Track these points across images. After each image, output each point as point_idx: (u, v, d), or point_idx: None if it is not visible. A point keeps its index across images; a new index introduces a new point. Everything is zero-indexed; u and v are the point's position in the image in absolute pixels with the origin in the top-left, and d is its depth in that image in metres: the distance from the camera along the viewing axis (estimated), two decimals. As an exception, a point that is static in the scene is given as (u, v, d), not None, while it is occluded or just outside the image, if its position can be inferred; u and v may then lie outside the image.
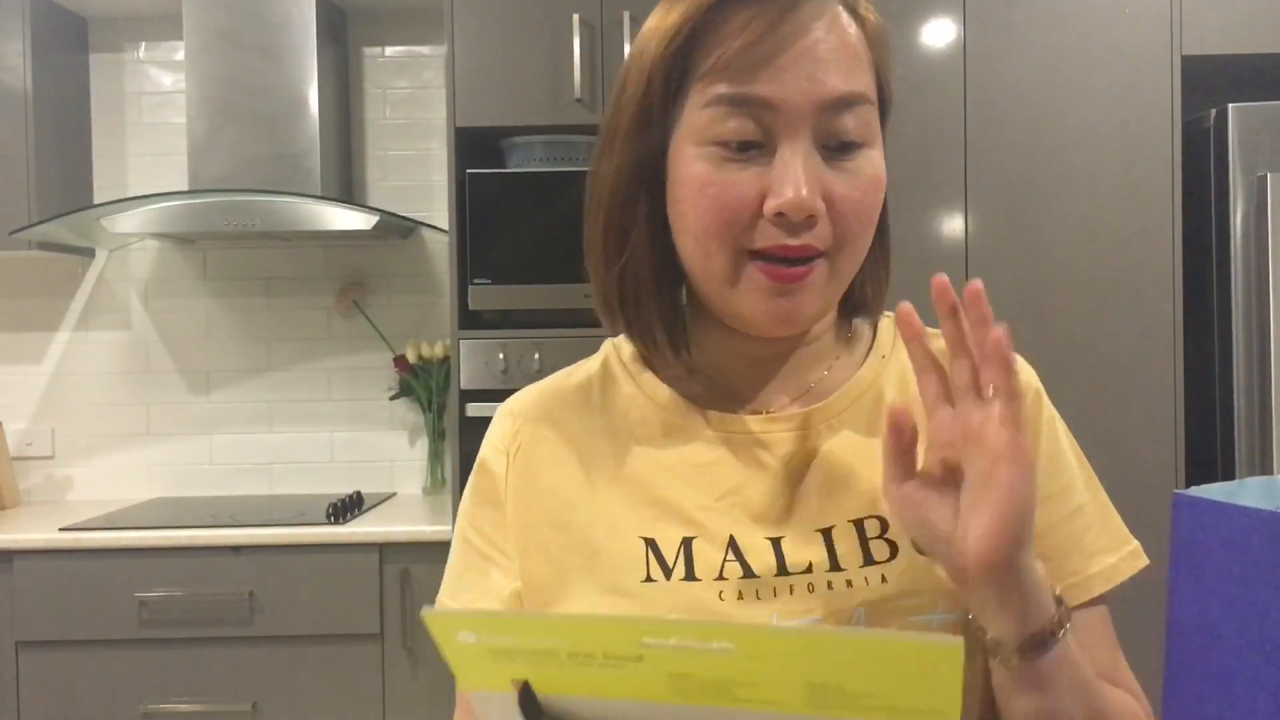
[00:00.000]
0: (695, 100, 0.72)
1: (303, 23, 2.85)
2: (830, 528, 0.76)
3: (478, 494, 0.84)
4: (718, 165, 0.71)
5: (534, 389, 0.87)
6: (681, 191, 0.73)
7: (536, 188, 2.57)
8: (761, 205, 0.70)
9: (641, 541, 0.76)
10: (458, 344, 2.56)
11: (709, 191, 0.71)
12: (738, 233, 0.71)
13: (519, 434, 0.84)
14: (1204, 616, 0.59)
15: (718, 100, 0.70)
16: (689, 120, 0.72)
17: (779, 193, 0.69)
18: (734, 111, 0.70)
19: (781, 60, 0.70)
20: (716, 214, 0.71)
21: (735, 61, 0.70)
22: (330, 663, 2.60)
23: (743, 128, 0.70)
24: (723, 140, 0.71)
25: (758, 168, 0.71)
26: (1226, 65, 2.59)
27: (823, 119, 0.70)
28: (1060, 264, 2.53)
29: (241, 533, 2.59)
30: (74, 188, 3.06)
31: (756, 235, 0.71)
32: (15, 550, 2.57)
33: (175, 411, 3.16)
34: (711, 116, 0.71)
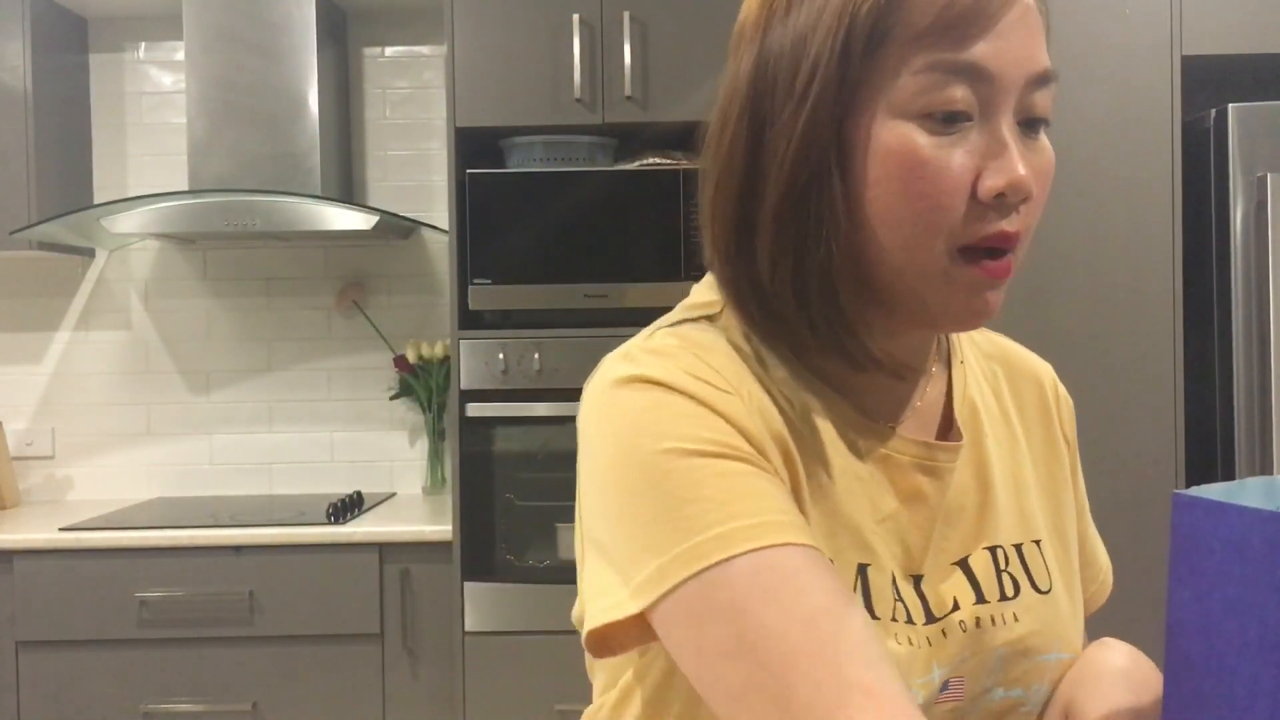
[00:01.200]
0: (899, 64, 0.62)
1: (303, 23, 2.85)
2: (966, 557, 0.72)
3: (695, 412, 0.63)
4: (928, 141, 0.62)
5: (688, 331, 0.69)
6: (884, 171, 0.63)
7: (536, 188, 2.57)
8: (973, 187, 0.63)
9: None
10: (458, 344, 2.56)
11: (922, 172, 0.62)
12: (949, 220, 0.63)
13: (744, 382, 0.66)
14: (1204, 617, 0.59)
15: (933, 66, 0.62)
16: (890, 87, 0.63)
17: (999, 170, 0.62)
18: (952, 80, 0.62)
19: (1001, 26, 0.62)
20: (933, 199, 0.62)
21: (956, 22, 0.61)
22: (330, 663, 2.60)
23: (963, 97, 0.62)
24: (934, 113, 0.62)
25: (967, 144, 0.63)
26: (1226, 65, 2.59)
27: (1025, 94, 0.64)
28: (1060, 264, 2.53)
29: (241, 533, 2.59)
30: (74, 188, 3.06)
31: (974, 223, 0.63)
32: (15, 550, 2.57)
33: (175, 411, 3.16)
34: (924, 84, 0.62)
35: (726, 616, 0.57)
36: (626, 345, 0.69)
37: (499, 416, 2.55)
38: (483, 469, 2.55)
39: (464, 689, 2.54)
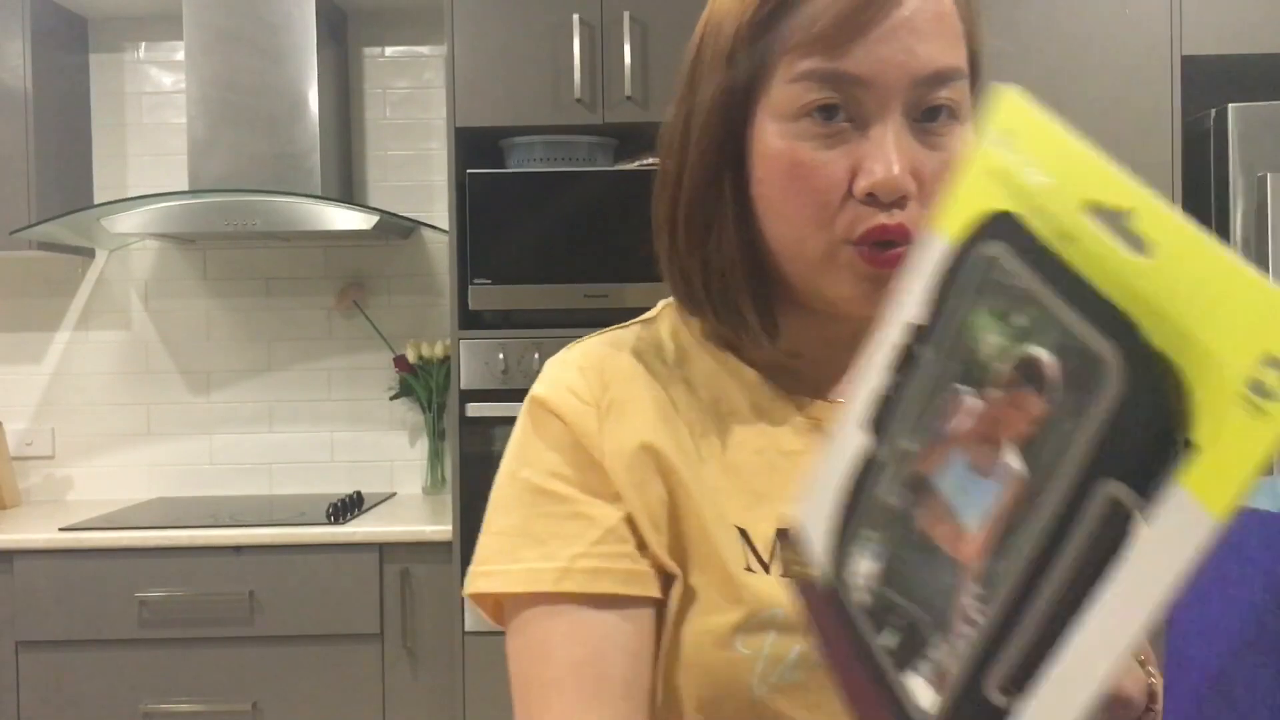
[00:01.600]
0: (782, 74, 0.68)
1: (303, 23, 2.85)
2: None
3: (550, 440, 0.74)
4: (805, 143, 0.67)
5: (598, 343, 0.79)
6: (767, 172, 0.69)
7: (536, 188, 2.57)
8: (851, 185, 0.67)
9: (735, 530, 0.71)
10: (458, 344, 2.56)
11: (798, 171, 0.68)
12: (830, 215, 0.67)
13: (608, 389, 0.74)
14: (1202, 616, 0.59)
15: (806, 75, 0.67)
16: (775, 95, 0.68)
17: (869, 171, 0.66)
18: (823, 86, 0.66)
19: (877, 32, 0.66)
20: (808, 196, 0.68)
21: (828, 33, 0.66)
22: (330, 663, 2.60)
23: (831, 100, 0.66)
24: (809, 115, 0.67)
25: (846, 145, 0.67)
26: (1226, 65, 2.59)
27: (916, 94, 0.67)
28: (1060, 264, 2.53)
29: (241, 533, 2.59)
30: (74, 188, 3.06)
31: (852, 219, 0.67)
32: (15, 550, 2.57)
33: (175, 411, 3.16)
34: (799, 91, 0.67)
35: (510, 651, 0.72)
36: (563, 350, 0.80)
37: (499, 416, 2.54)
38: (483, 469, 2.55)
39: (464, 689, 2.54)
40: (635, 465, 0.72)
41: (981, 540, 0.41)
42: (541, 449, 0.74)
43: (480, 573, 0.72)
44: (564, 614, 0.69)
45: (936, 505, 0.43)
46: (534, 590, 0.69)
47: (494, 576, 0.71)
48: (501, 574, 0.71)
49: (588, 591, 0.69)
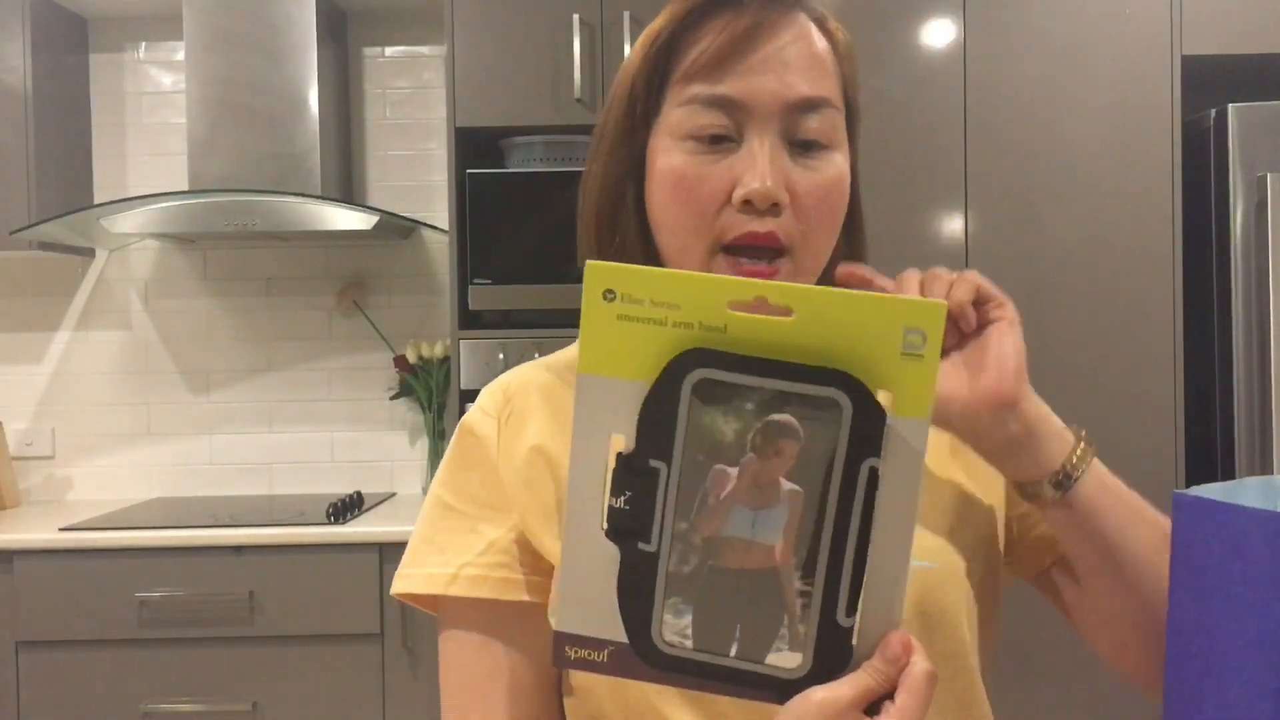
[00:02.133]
0: (672, 100, 0.77)
1: (303, 23, 2.85)
2: None
3: (460, 457, 0.84)
4: (690, 158, 0.75)
5: (527, 367, 0.88)
6: (657, 184, 0.77)
7: (536, 188, 2.57)
8: (730, 196, 0.74)
9: None
10: (458, 344, 2.56)
11: (683, 184, 0.75)
12: (708, 224, 0.75)
13: (511, 402, 0.84)
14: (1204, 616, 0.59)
15: (692, 99, 0.75)
16: (666, 118, 0.77)
17: (746, 182, 0.73)
18: (707, 109, 0.75)
19: (750, 62, 0.74)
20: (689, 204, 0.75)
21: (709, 63, 0.74)
22: (330, 663, 2.59)
23: (716, 122, 0.74)
24: (695, 135, 0.75)
25: (727, 161, 0.75)
26: (1226, 65, 2.59)
27: (789, 119, 0.75)
28: (1060, 264, 2.53)
29: (241, 533, 2.59)
30: (74, 188, 3.06)
31: (726, 226, 0.74)
32: (15, 550, 2.57)
33: (175, 411, 3.16)
34: (686, 113, 0.75)
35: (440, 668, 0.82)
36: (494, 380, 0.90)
37: (499, 416, 2.54)
38: (483, 469, 2.55)
39: (464, 689, 2.54)
40: (526, 466, 0.80)
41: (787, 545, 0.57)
42: (455, 469, 0.84)
43: (400, 575, 0.83)
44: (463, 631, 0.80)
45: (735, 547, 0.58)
46: (431, 592, 0.80)
47: (408, 579, 0.82)
48: (409, 578, 0.82)
49: (471, 596, 0.78)
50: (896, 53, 2.54)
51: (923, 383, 0.55)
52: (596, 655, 0.61)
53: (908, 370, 0.55)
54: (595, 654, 0.61)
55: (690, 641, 0.58)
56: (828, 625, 0.57)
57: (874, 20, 2.54)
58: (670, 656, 0.59)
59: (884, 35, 2.54)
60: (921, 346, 0.55)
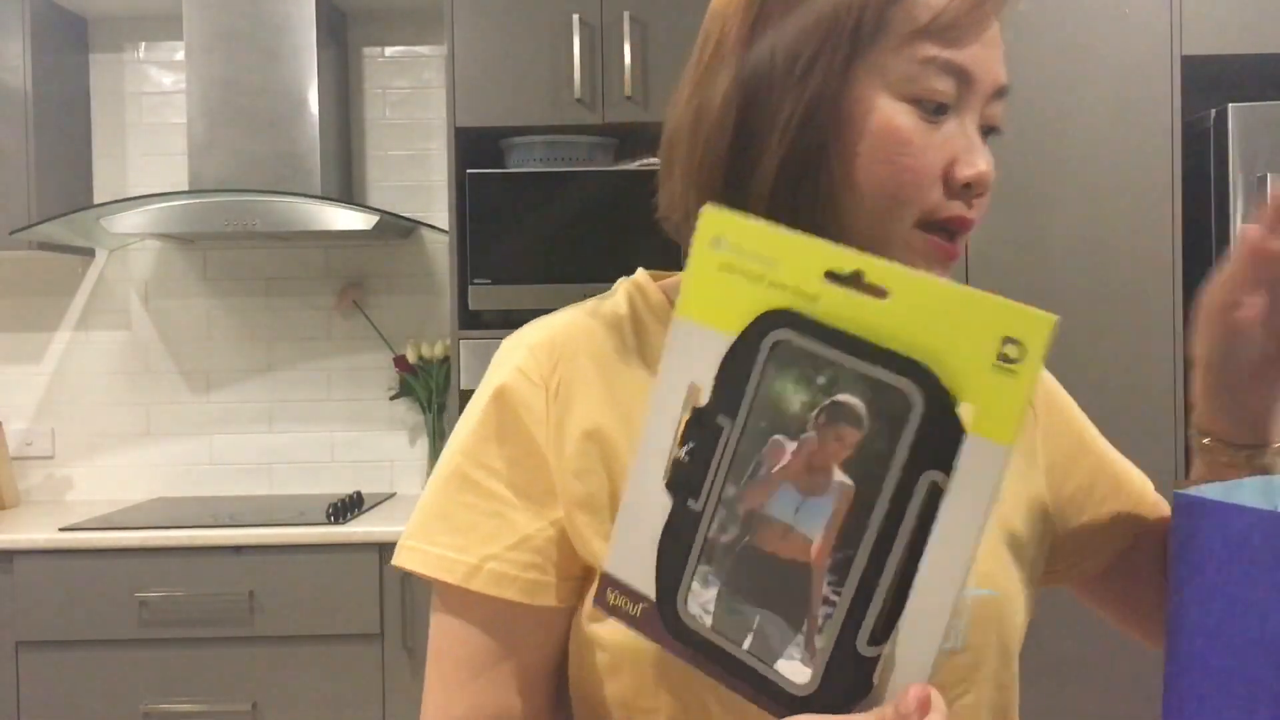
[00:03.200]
0: (899, 52, 0.69)
1: (303, 23, 2.85)
2: None
3: (495, 428, 0.73)
4: (916, 122, 0.69)
5: (555, 322, 0.77)
6: (874, 143, 0.69)
7: (536, 188, 2.57)
8: (943, 172, 0.70)
9: None
10: (458, 344, 2.56)
11: (908, 149, 0.69)
12: (920, 195, 0.70)
13: (557, 369, 0.74)
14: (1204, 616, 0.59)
15: (929, 60, 0.69)
16: (888, 70, 0.69)
17: (971, 163, 0.70)
18: (941, 75, 0.69)
19: (985, 37, 0.72)
20: (906, 172, 0.69)
21: (952, 24, 0.69)
22: (330, 663, 2.59)
23: (946, 89, 0.70)
24: (922, 98, 0.69)
25: (944, 134, 0.70)
26: (1226, 65, 2.59)
27: (988, 102, 0.73)
28: (1060, 264, 2.53)
29: (241, 533, 2.59)
30: (74, 188, 3.06)
31: (938, 202, 0.70)
32: (15, 550, 2.57)
33: (175, 411, 3.16)
34: (919, 73, 0.69)
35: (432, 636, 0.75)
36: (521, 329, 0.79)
37: (499, 416, 2.54)
38: (483, 469, 2.55)
39: (464, 689, 2.54)
40: (579, 455, 0.72)
41: (825, 542, 0.52)
42: (485, 440, 0.73)
43: (405, 546, 0.74)
44: (474, 605, 0.72)
45: (774, 528, 0.54)
46: (447, 580, 0.71)
47: (413, 553, 0.73)
48: (420, 554, 0.72)
49: (493, 595, 0.71)
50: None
51: (1011, 403, 0.49)
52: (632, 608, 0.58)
53: (998, 385, 0.49)
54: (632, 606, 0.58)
55: (710, 619, 0.56)
56: (844, 648, 0.52)
57: (874, 20, 2.54)
58: (689, 629, 0.56)
59: (884, 35, 2.54)
60: (1018, 361, 0.49)
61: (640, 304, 0.79)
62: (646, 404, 0.63)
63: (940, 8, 0.69)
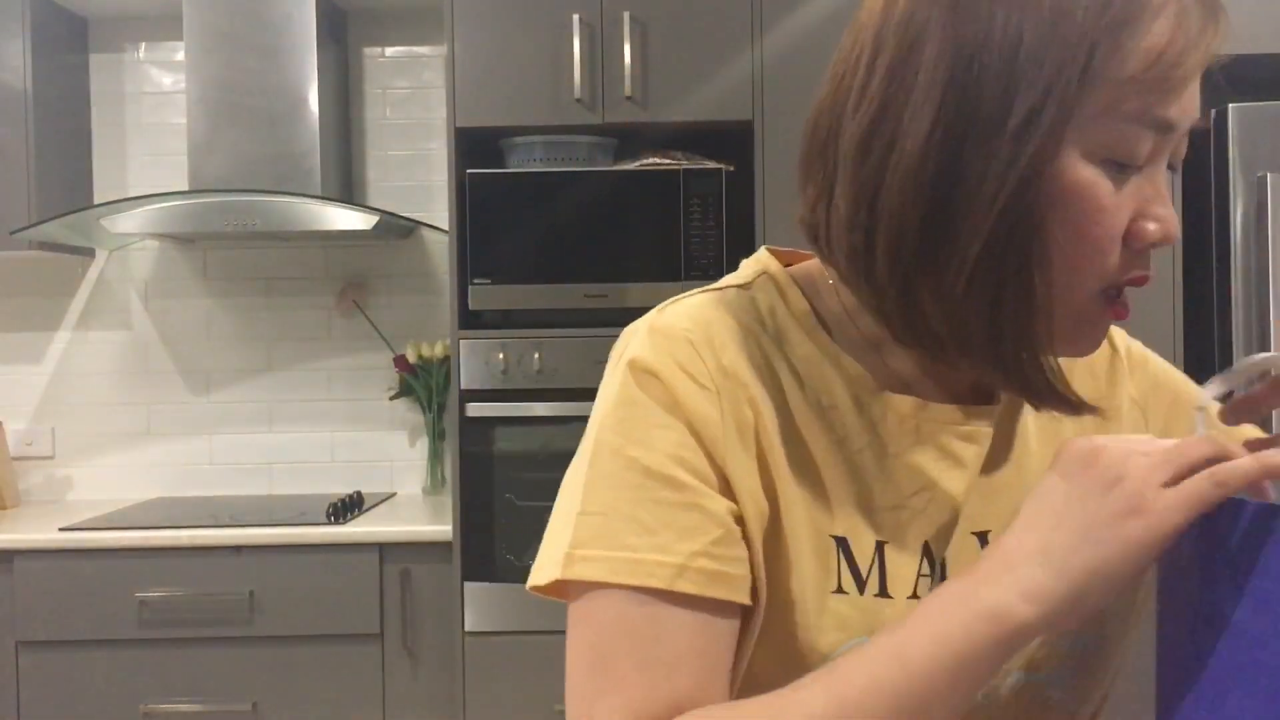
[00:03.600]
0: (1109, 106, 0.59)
1: (303, 23, 2.85)
2: (987, 531, 0.71)
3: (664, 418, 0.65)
4: (1105, 182, 0.60)
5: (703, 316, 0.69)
6: (1068, 213, 0.60)
7: (536, 188, 2.57)
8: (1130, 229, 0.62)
9: (832, 540, 0.67)
10: (458, 344, 2.56)
11: (1102, 219, 0.60)
12: (1107, 259, 0.62)
13: (726, 373, 0.67)
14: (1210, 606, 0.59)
15: (1141, 116, 0.59)
16: (1095, 127, 0.59)
17: (1160, 221, 0.62)
18: (1150, 133, 0.60)
19: (1194, 79, 0.60)
20: (1102, 244, 0.61)
21: (1167, 75, 0.59)
22: (330, 663, 2.59)
23: (1151, 149, 0.61)
24: (1119, 160, 0.60)
25: (1128, 187, 0.61)
26: (1226, 65, 2.58)
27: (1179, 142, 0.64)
28: (1060, 264, 2.53)
29: (241, 533, 2.59)
30: (74, 188, 3.06)
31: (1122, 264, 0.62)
32: (15, 550, 2.57)
33: (175, 411, 3.16)
34: (1126, 132, 0.60)
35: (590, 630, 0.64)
36: (658, 310, 0.71)
37: (499, 416, 2.54)
38: (483, 469, 2.55)
39: (464, 689, 2.54)
40: (745, 465, 0.66)
41: None
42: (653, 425, 0.65)
43: (580, 556, 0.64)
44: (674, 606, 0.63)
45: None
46: (643, 585, 0.62)
47: (596, 563, 0.63)
48: (605, 560, 0.63)
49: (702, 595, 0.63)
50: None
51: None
52: None
53: None
54: None
55: None
56: None
57: (874, 20, 2.54)
58: None
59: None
60: None
61: (780, 307, 0.71)
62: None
63: (1159, 50, 0.58)
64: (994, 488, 0.72)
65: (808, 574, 0.66)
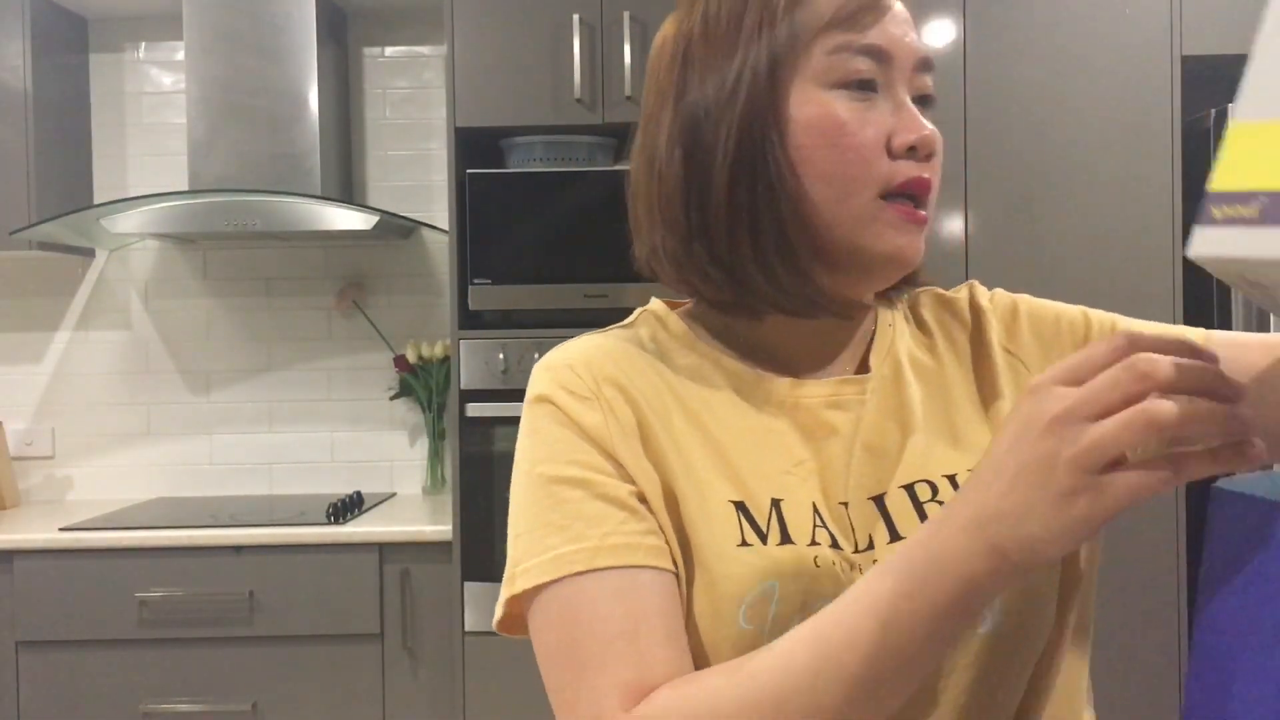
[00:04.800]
0: (812, 47, 0.75)
1: (303, 23, 2.85)
2: (882, 495, 0.77)
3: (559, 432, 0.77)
4: (846, 104, 0.75)
5: (581, 346, 0.82)
6: (811, 135, 0.75)
7: (536, 188, 2.57)
8: (885, 145, 0.75)
9: (731, 505, 0.75)
10: (458, 344, 2.56)
11: (844, 130, 0.74)
12: (871, 170, 0.74)
13: (600, 385, 0.78)
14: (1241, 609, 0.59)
15: (841, 47, 0.75)
16: (811, 66, 0.75)
17: (909, 128, 0.75)
18: (856, 57, 0.75)
19: (889, 16, 0.76)
20: (852, 154, 0.74)
21: (853, 14, 0.75)
22: (330, 663, 2.60)
23: (866, 68, 0.75)
24: (845, 82, 0.75)
25: (876, 110, 0.75)
26: (1226, 65, 2.59)
27: (915, 75, 0.77)
28: (1060, 264, 2.53)
29: (241, 533, 2.59)
30: (74, 188, 3.06)
31: (891, 171, 0.75)
32: (15, 550, 2.57)
33: (175, 411, 3.16)
34: (835, 61, 0.75)
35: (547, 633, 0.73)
36: (548, 354, 0.83)
37: (499, 416, 2.54)
38: (483, 469, 2.55)
39: (464, 689, 2.54)
40: (634, 453, 0.76)
41: None
42: (552, 442, 0.76)
43: (519, 572, 0.73)
44: (603, 580, 0.71)
45: None
46: (570, 573, 0.71)
47: (529, 572, 0.72)
48: (536, 566, 0.72)
49: (620, 564, 0.71)
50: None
51: None
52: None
53: None
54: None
55: None
56: None
57: (874, 20, 2.54)
58: None
59: (884, 35, 2.54)
60: None
61: (661, 333, 0.83)
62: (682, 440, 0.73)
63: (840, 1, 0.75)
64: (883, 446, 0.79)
65: (716, 534, 0.73)
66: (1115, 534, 2.49)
